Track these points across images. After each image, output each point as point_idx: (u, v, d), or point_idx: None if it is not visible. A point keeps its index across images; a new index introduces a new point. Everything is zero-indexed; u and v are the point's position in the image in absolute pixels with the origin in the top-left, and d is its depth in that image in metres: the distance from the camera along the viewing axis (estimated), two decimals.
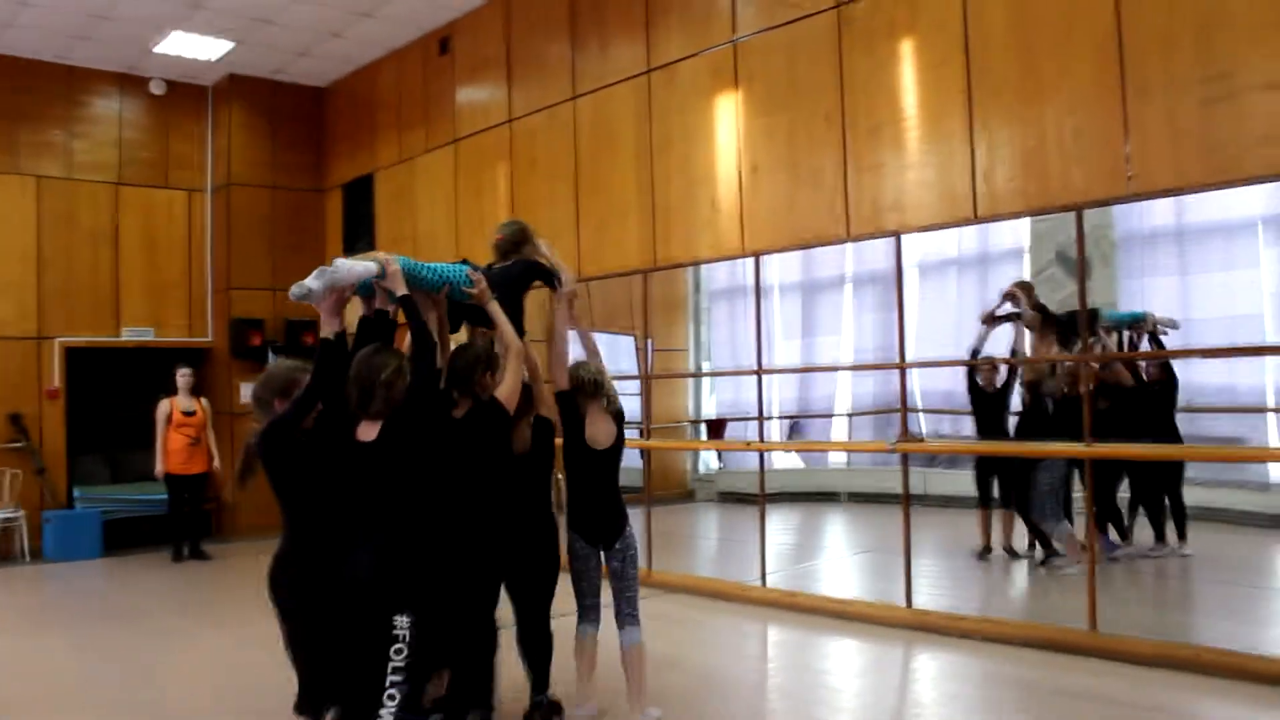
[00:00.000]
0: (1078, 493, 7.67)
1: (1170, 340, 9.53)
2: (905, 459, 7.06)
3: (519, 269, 5.22)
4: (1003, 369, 8.19)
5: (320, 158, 12.67)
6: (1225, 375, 9.63)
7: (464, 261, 4.84)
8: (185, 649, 6.88)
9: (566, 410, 4.87)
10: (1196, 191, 5.91)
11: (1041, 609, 7.13)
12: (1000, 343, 8.37)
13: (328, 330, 4.12)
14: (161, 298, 11.86)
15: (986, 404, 8.24)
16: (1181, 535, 7.85)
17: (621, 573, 4.78)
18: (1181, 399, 9.60)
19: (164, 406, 10.29)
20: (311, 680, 3.99)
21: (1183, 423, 9.64)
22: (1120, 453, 6.87)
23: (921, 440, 7.38)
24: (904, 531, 6.99)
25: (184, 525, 10.35)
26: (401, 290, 4.23)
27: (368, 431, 3.95)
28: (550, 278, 5.14)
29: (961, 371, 9.21)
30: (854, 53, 7.09)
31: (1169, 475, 7.92)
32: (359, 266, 4.24)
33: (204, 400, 10.67)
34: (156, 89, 11.86)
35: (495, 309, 4.64)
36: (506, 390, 4.48)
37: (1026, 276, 10.31)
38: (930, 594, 7.28)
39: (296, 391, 4.03)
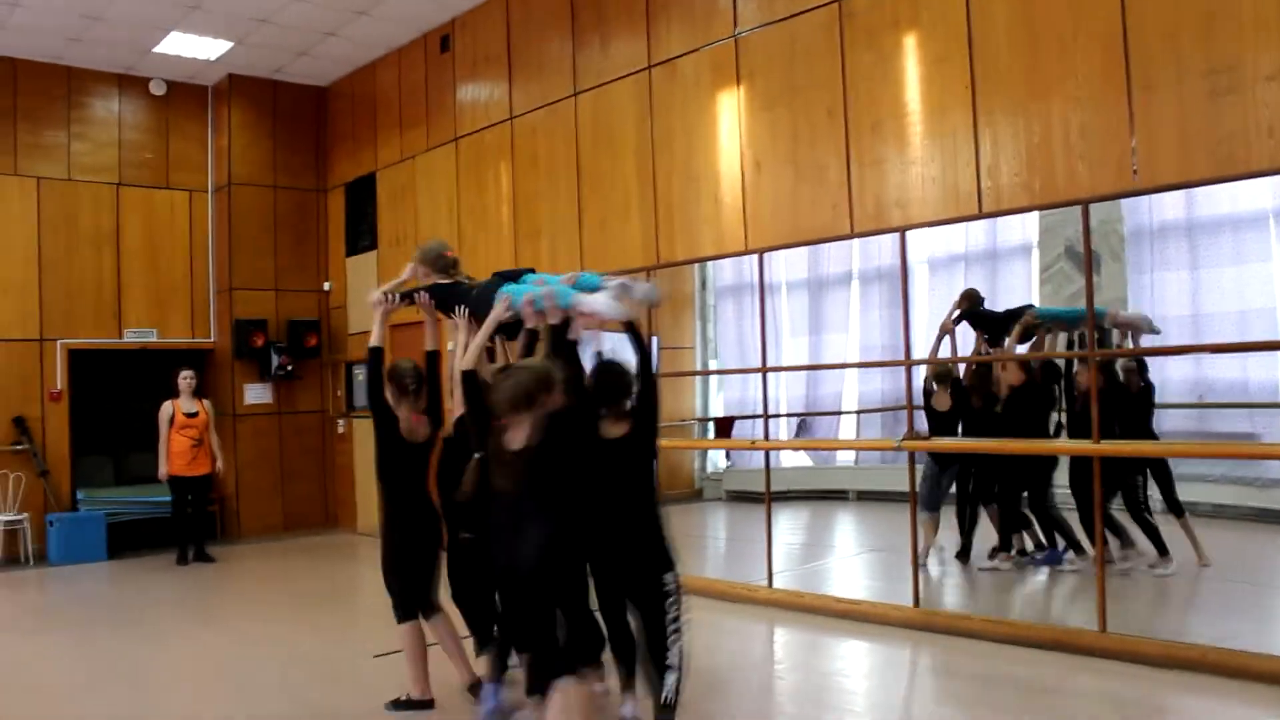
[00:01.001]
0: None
1: (1182, 335, 9.44)
2: (912, 457, 6.98)
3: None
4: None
5: (322, 157, 12.62)
6: (1237, 371, 9.51)
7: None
8: (188, 651, 6.83)
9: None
10: (1203, 185, 5.81)
11: (1049, 609, 7.04)
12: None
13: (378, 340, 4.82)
14: (164, 299, 11.83)
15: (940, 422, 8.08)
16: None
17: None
18: (1193, 395, 9.51)
19: (166, 409, 10.25)
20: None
21: (1193, 419, 9.56)
22: (1130, 450, 6.79)
23: (928, 438, 7.29)
24: (911, 531, 6.91)
25: (188, 527, 10.31)
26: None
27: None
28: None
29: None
30: (856, 47, 7.01)
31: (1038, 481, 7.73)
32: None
33: (206, 402, 10.63)
34: (156, 89, 11.82)
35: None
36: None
37: (1035, 272, 10.22)
38: (938, 594, 7.20)
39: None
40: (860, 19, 6.98)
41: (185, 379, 10.42)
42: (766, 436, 8.19)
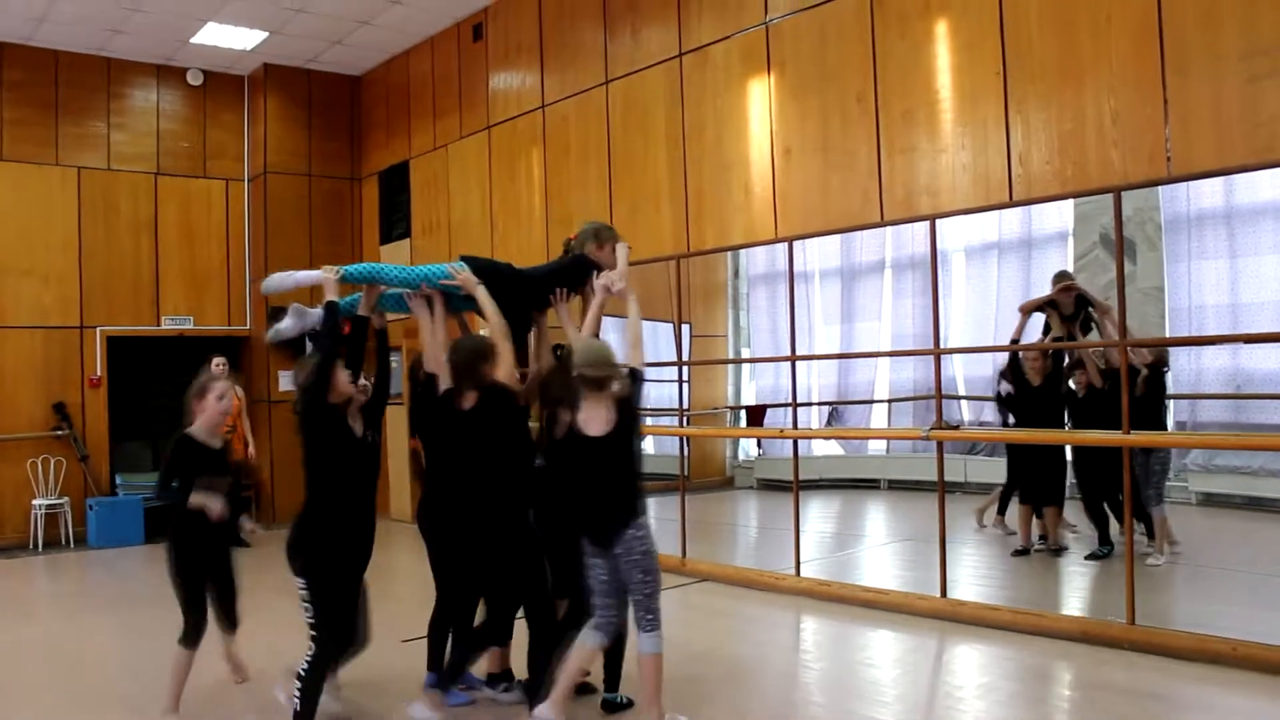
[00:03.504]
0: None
1: (1220, 325, 9.31)
2: (941, 447, 6.94)
3: (551, 265, 5.37)
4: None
5: (356, 146, 12.71)
6: (1275, 361, 9.37)
7: (464, 259, 5.12)
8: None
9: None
10: (1239, 172, 5.73)
11: (1078, 601, 6.99)
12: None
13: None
14: (200, 287, 11.98)
15: (1032, 398, 7.92)
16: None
17: (629, 576, 4.40)
18: (1230, 385, 9.38)
19: None
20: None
21: (1230, 410, 9.43)
22: (1162, 441, 6.72)
23: (957, 428, 7.24)
24: (939, 521, 6.88)
25: None
26: (332, 296, 4.88)
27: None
28: (585, 271, 5.07)
29: (1003, 358, 9.02)
30: (887, 34, 6.96)
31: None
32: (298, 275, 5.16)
33: (239, 388, 10.74)
34: (193, 80, 11.95)
35: (481, 294, 4.83)
36: (504, 372, 4.65)
37: (1070, 260, 10.11)
38: (966, 584, 7.17)
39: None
40: (891, 5, 6.93)
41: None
42: (795, 425, 8.18)
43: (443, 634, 4.98)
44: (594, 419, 4.42)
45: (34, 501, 10.58)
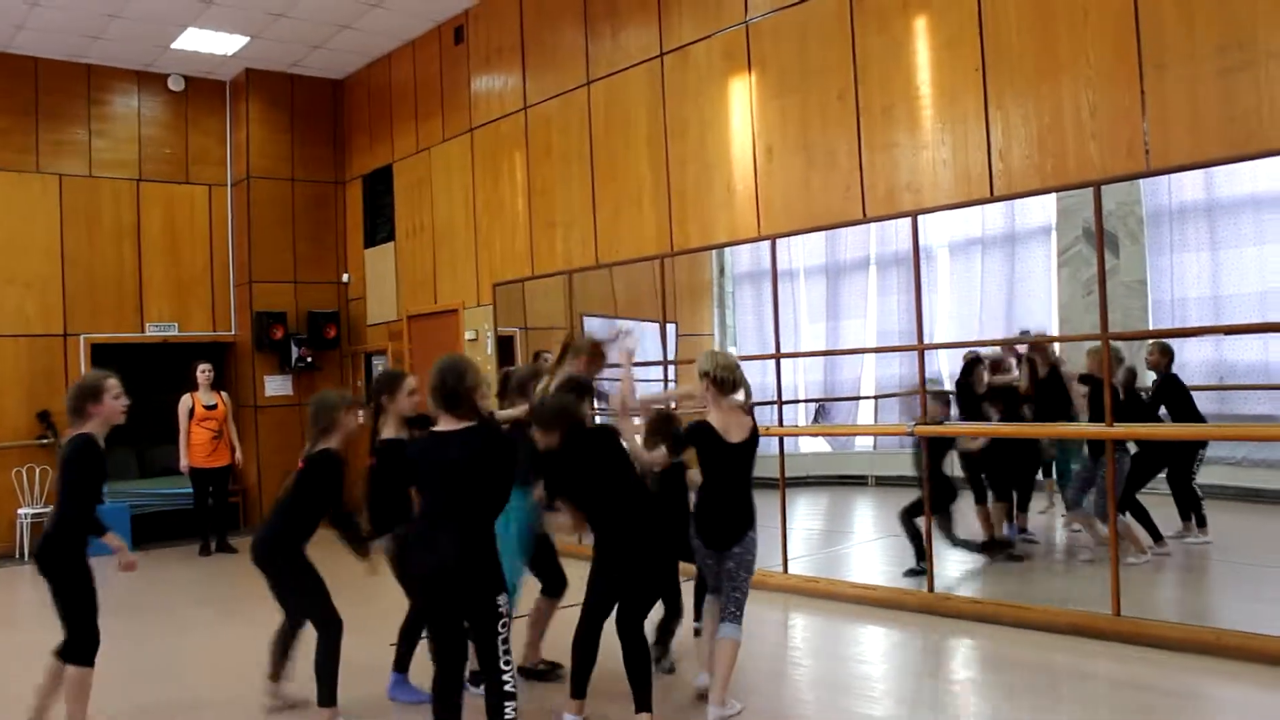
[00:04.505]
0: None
1: (1202, 317, 9.36)
2: (925, 442, 6.96)
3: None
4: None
5: (339, 150, 12.69)
6: (1259, 352, 9.42)
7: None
8: (211, 640, 6.94)
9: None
10: (1216, 165, 5.77)
11: (1064, 593, 7.01)
12: None
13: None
14: (184, 293, 11.94)
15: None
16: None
17: (734, 574, 4.82)
18: (1213, 377, 9.42)
19: (185, 401, 10.36)
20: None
21: (1214, 401, 9.47)
22: (1144, 433, 6.76)
23: (941, 423, 7.26)
24: (925, 516, 6.91)
25: (210, 519, 10.42)
26: None
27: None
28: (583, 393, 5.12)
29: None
30: (866, 32, 6.98)
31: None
32: None
33: (224, 394, 10.73)
34: (175, 85, 11.91)
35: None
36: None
37: (1054, 255, 10.13)
38: (953, 578, 7.19)
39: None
40: (871, 3, 6.95)
41: (203, 372, 10.51)
42: (780, 423, 8.20)
43: (413, 640, 5.29)
44: (734, 426, 4.85)
45: (19, 510, 10.53)
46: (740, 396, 4.89)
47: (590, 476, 4.68)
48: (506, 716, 3.91)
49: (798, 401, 12.56)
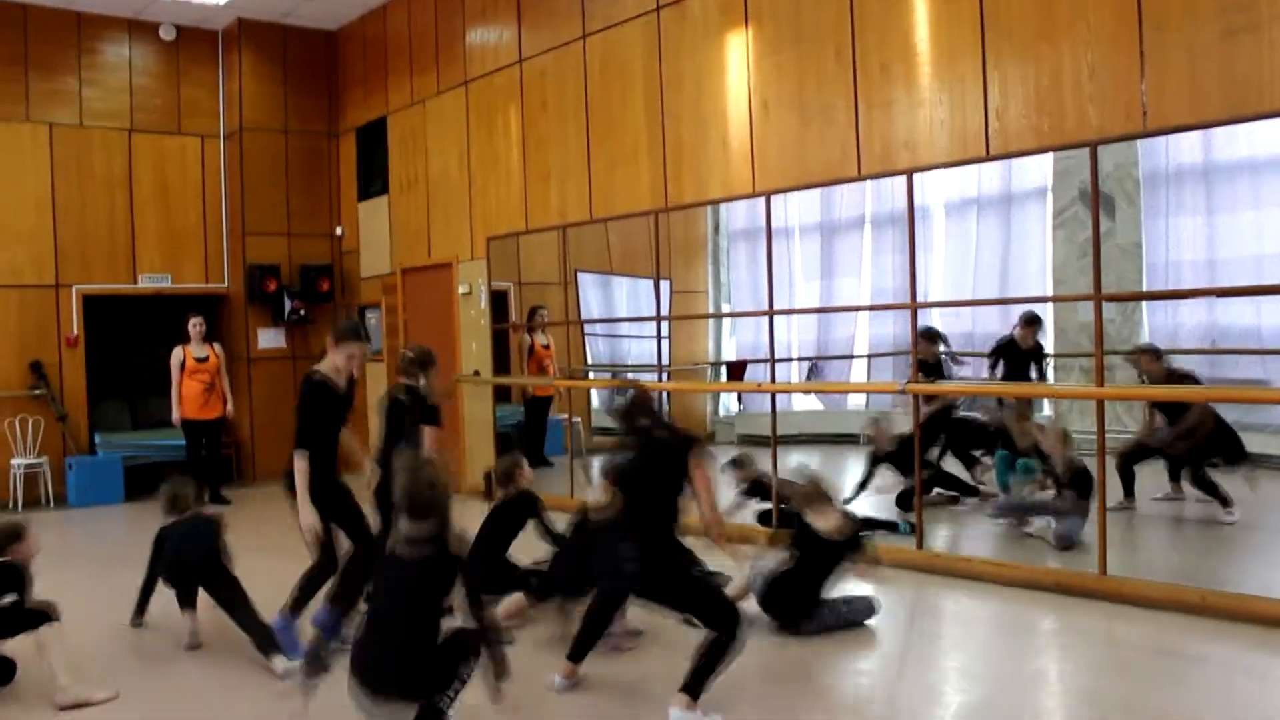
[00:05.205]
0: None
1: (1196, 280, 9.37)
2: (917, 400, 6.99)
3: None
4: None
5: (333, 102, 12.59)
6: (1251, 317, 9.43)
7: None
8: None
9: None
10: (1215, 126, 5.74)
11: (1051, 553, 7.07)
12: None
13: None
14: (177, 245, 11.88)
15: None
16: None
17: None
18: (1206, 340, 9.44)
19: (177, 354, 10.34)
20: None
21: (1206, 365, 9.50)
22: (1135, 394, 6.79)
23: (933, 381, 7.29)
24: (916, 473, 6.95)
25: (203, 470, 10.44)
26: None
27: None
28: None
29: (982, 312, 9.08)
30: None
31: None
32: None
33: (217, 346, 10.69)
34: (166, 35, 11.77)
35: None
36: None
37: (1049, 216, 10.12)
38: (943, 537, 7.25)
39: None
40: None
41: (195, 325, 10.48)
42: (773, 380, 8.21)
43: (314, 589, 5.43)
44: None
45: (13, 461, 10.54)
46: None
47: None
48: None
49: (790, 360, 12.56)
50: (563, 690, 4.67)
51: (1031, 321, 8.32)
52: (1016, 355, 8.32)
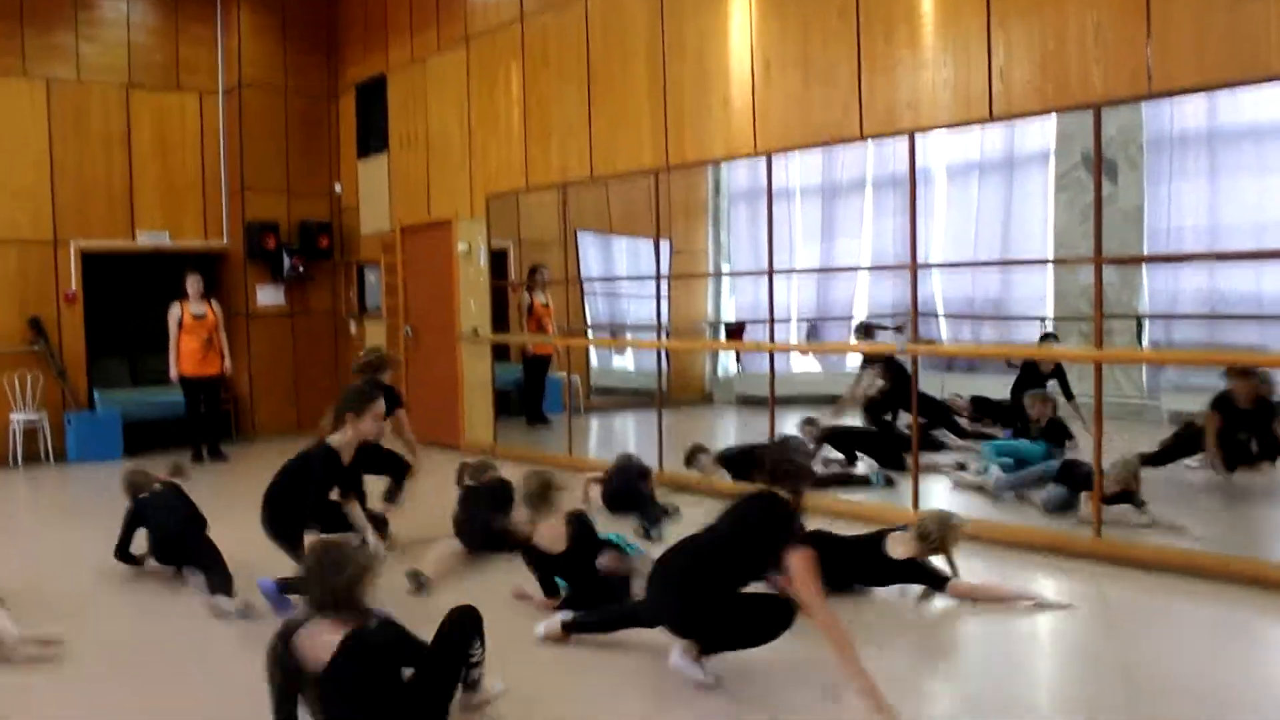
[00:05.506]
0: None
1: (1196, 245, 9.34)
2: (915, 362, 7.00)
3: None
4: None
5: (332, 59, 12.50)
6: (1252, 283, 9.42)
7: None
8: None
9: None
10: (1220, 89, 5.72)
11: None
12: None
13: None
14: (176, 201, 11.83)
15: None
16: None
17: None
18: (1205, 306, 9.43)
19: (175, 310, 10.34)
20: None
21: (1206, 330, 9.51)
22: (1129, 357, 6.80)
23: (932, 343, 7.29)
24: (914, 435, 6.97)
25: (201, 426, 10.47)
26: None
27: None
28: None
29: (981, 275, 9.02)
30: None
31: None
32: None
33: (215, 303, 10.68)
34: None
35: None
36: None
37: (1051, 179, 10.07)
38: (938, 497, 7.28)
39: None
40: None
41: (193, 284, 10.46)
42: (772, 340, 8.22)
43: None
44: None
45: (12, 416, 10.56)
46: None
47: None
48: None
49: (790, 321, 12.56)
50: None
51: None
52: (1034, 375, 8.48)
